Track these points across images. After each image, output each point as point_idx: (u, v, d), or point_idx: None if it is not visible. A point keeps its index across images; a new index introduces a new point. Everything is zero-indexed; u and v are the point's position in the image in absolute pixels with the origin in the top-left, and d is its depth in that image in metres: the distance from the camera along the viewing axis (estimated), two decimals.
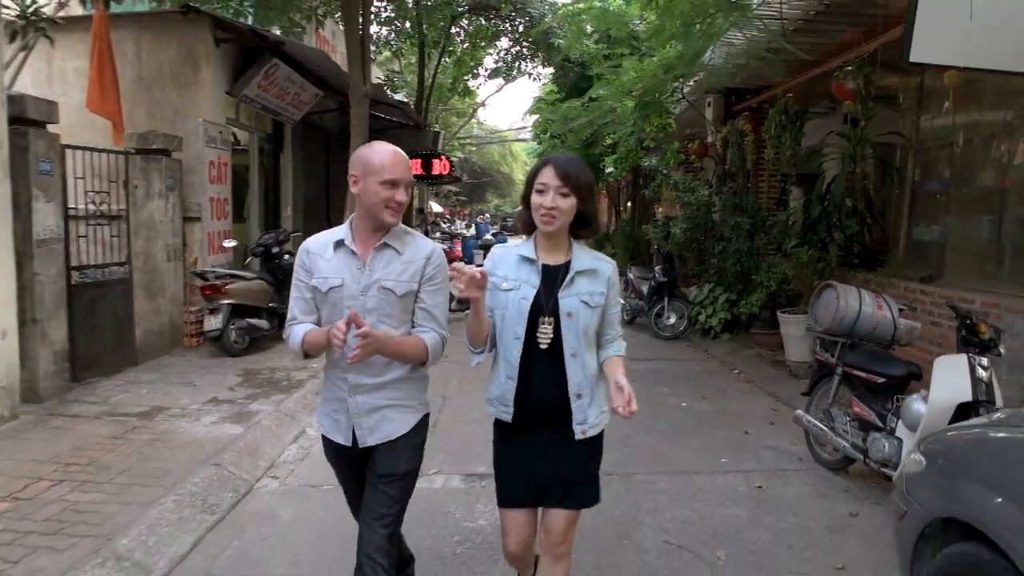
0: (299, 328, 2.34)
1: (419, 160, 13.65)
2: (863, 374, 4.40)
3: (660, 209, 14.99)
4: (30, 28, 6.76)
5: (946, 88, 5.56)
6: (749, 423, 5.73)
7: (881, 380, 4.28)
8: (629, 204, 18.35)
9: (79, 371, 6.07)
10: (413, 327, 2.36)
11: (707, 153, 10.92)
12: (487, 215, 45.92)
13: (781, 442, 5.25)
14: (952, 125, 6.36)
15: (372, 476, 2.36)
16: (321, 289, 2.30)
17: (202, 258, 7.79)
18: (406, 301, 2.30)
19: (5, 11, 5.85)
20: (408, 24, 13.81)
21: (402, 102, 13.35)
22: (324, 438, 2.47)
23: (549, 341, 2.26)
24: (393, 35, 14.06)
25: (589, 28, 10.72)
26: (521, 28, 13.81)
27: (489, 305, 2.32)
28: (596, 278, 2.31)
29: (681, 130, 11.67)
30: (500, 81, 18.74)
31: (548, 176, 2.21)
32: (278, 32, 9.22)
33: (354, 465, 2.45)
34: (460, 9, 13.26)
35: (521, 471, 2.39)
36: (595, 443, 2.39)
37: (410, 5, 13.59)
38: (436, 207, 37.12)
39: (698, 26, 6.88)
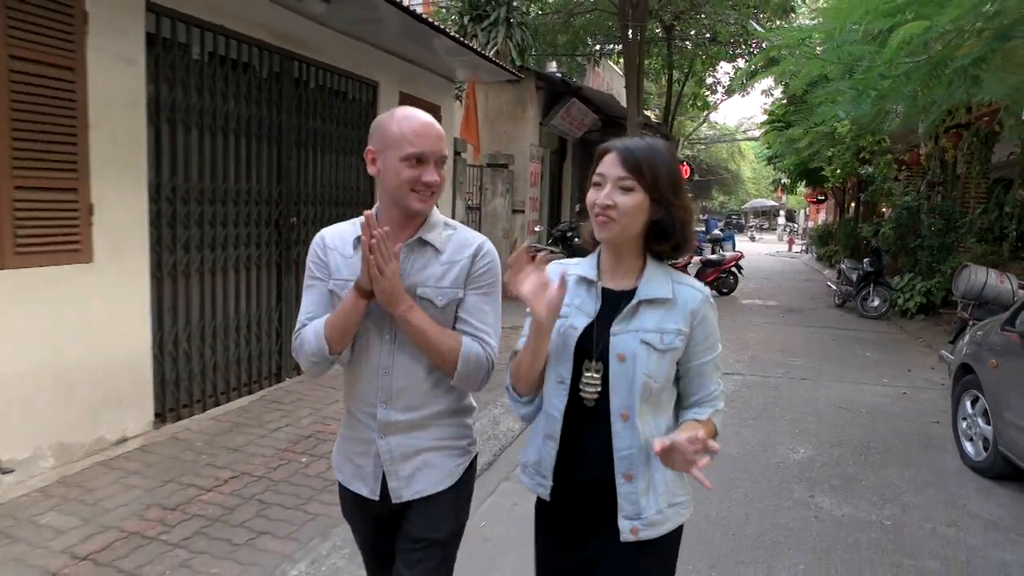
0: (315, 321, 1.75)
1: None
2: None
3: (887, 210, 16.53)
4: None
5: None
6: (914, 367, 8.03)
7: None
8: (853, 205, 19.81)
9: None
10: None
11: (920, 162, 12.71)
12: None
13: (933, 376, 7.55)
14: None
15: (405, 541, 1.78)
16: (339, 294, 1.74)
17: (521, 238, 11.40)
18: (448, 313, 1.73)
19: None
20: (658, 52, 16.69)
21: (659, 122, 16.37)
22: (341, 487, 1.89)
23: (597, 394, 1.58)
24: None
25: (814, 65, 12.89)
26: (756, 53, 16.11)
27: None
28: (672, 310, 1.58)
29: (899, 141, 13.43)
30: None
31: (608, 164, 1.56)
32: (553, 67, 12.63)
33: (380, 524, 1.87)
34: (705, 38, 15.88)
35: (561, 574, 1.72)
36: (655, 551, 1.62)
37: (659, 31, 16.46)
38: None
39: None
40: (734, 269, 13.71)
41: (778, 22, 13.39)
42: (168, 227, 4.53)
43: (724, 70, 18.96)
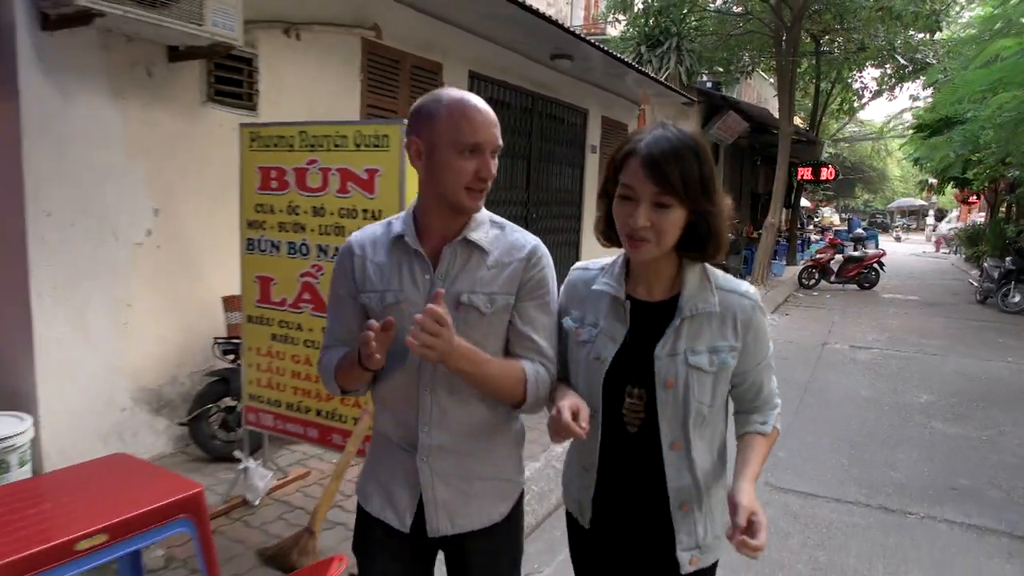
0: (333, 353, 1.61)
1: (809, 168, 17.65)
2: None
3: None
4: None
5: None
6: None
7: None
8: (1004, 205, 19.96)
9: None
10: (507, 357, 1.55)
11: None
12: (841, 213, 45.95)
13: None
14: None
15: None
16: (374, 307, 1.54)
17: None
18: (496, 323, 1.51)
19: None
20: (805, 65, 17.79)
21: (806, 130, 17.54)
22: (361, 513, 1.67)
23: (640, 422, 1.45)
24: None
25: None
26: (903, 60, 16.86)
27: (559, 351, 1.59)
28: (722, 324, 1.43)
29: None
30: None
31: (634, 174, 1.35)
32: (704, 77, 14.20)
33: (406, 561, 1.63)
34: (853, 51, 16.82)
35: None
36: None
37: (807, 40, 17.52)
38: (805, 202, 39.49)
39: None
40: (875, 266, 14.75)
41: (927, 34, 14.26)
42: None
43: (871, 75, 19.61)
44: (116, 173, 3.72)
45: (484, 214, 1.59)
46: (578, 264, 1.64)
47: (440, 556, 1.70)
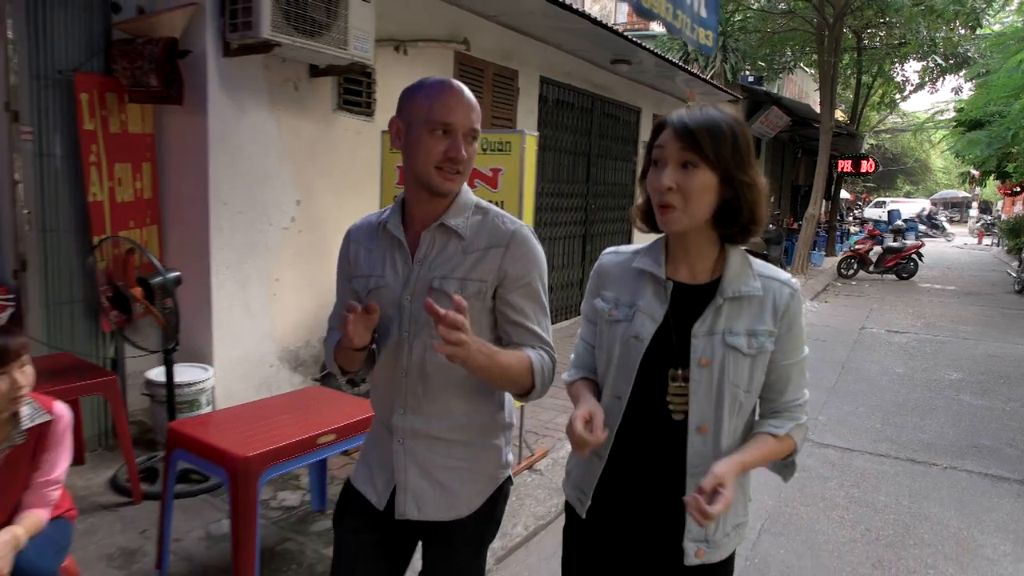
0: (334, 335, 1.68)
1: (849, 161, 18.03)
2: None
3: None
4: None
5: None
6: None
7: None
8: None
9: None
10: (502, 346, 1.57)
11: None
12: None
13: None
14: None
15: None
16: (360, 292, 1.62)
17: None
18: (469, 309, 1.41)
19: None
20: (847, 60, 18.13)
21: (847, 123, 17.93)
22: (346, 486, 1.73)
23: (686, 409, 1.40)
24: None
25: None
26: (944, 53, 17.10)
27: (587, 341, 1.58)
28: (761, 309, 1.41)
29: None
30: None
31: (666, 139, 1.35)
32: (746, 73, 14.73)
33: (379, 535, 1.66)
34: (895, 44, 17.13)
35: None
36: (716, 574, 1.49)
37: (849, 35, 17.84)
38: (845, 194, 39.40)
39: None
40: (914, 256, 15.15)
41: (968, 30, 14.55)
42: (539, 211, 7.48)
43: (913, 68, 19.77)
44: (271, 171, 4.54)
45: (470, 199, 1.60)
46: (609, 249, 1.61)
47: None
